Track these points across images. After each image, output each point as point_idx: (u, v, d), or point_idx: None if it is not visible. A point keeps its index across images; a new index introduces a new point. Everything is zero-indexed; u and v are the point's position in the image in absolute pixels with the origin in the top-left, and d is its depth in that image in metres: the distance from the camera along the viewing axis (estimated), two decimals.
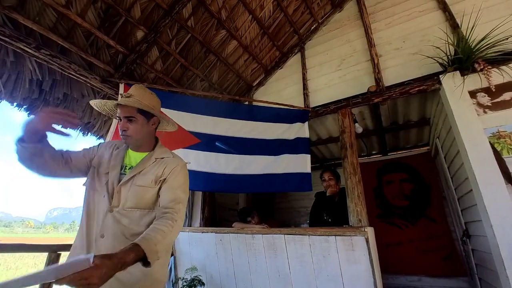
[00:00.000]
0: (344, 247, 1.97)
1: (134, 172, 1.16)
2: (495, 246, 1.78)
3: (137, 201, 1.13)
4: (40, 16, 2.10)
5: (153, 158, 1.22)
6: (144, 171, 1.18)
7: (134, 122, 1.19)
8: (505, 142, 1.93)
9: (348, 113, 2.65)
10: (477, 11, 2.28)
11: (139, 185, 1.14)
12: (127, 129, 1.18)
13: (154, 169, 1.19)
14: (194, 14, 2.71)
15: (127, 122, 1.18)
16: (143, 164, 1.20)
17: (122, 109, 1.19)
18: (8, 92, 2.32)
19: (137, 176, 1.16)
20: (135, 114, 1.18)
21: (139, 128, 1.20)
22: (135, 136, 1.20)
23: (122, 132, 1.19)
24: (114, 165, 1.19)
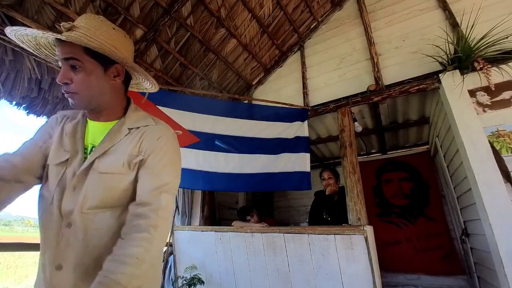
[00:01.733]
0: (343, 245, 1.98)
1: (97, 153, 0.76)
2: (493, 245, 1.79)
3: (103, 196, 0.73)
4: (38, 15, 2.09)
5: (124, 129, 0.81)
6: (112, 149, 0.77)
7: (80, 71, 0.75)
8: (504, 141, 1.93)
9: (347, 112, 2.65)
10: (477, 9, 2.28)
11: (103, 171, 0.74)
12: (69, 83, 0.75)
13: (125, 145, 0.78)
14: (194, 13, 2.70)
15: (69, 70, 0.74)
16: (110, 140, 0.78)
17: (62, 49, 0.74)
18: (7, 90, 2.31)
19: (101, 158, 0.76)
20: (81, 56, 0.74)
21: (89, 80, 0.75)
22: (84, 93, 0.76)
23: (64, 88, 0.76)
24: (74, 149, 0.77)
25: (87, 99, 0.78)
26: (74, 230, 0.70)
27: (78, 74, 0.75)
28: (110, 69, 0.80)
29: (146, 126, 0.84)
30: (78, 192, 0.73)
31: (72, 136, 0.80)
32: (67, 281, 0.67)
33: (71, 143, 0.78)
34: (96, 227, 0.71)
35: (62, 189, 0.73)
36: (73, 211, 0.71)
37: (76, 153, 0.77)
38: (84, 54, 0.74)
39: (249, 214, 3.03)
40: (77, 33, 0.73)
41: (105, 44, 0.76)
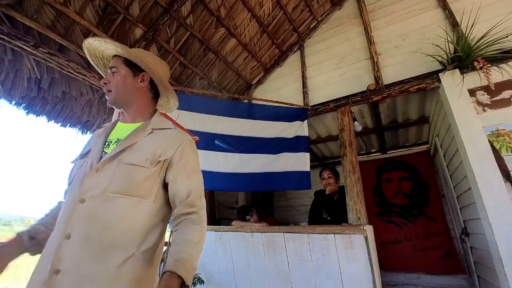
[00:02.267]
0: (343, 245, 1.98)
1: (123, 145, 0.87)
2: (493, 244, 1.79)
3: (126, 184, 0.81)
4: (38, 14, 2.09)
5: (148, 129, 0.94)
6: (137, 145, 0.89)
7: (116, 75, 0.98)
8: (504, 140, 1.93)
9: (347, 112, 2.65)
10: (476, 9, 2.28)
11: (129, 163, 0.84)
12: (107, 83, 0.98)
13: (150, 144, 0.90)
14: (193, 12, 2.70)
15: (109, 75, 0.99)
16: (135, 136, 0.90)
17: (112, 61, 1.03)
18: (6, 90, 2.31)
19: (127, 151, 0.87)
20: (119, 65, 0.99)
21: (121, 81, 0.97)
22: (115, 90, 0.96)
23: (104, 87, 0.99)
24: (95, 144, 0.92)
25: (118, 95, 0.98)
26: (86, 207, 0.78)
27: (115, 77, 0.98)
28: (138, 76, 1.02)
29: (168, 128, 0.99)
30: (102, 176, 0.82)
31: (99, 135, 0.98)
32: (72, 249, 0.73)
33: (97, 140, 0.94)
34: (112, 210, 0.79)
35: (83, 173, 0.84)
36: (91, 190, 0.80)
37: (96, 146, 0.91)
38: (121, 63, 1.00)
39: (248, 214, 3.03)
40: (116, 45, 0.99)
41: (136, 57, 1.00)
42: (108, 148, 0.90)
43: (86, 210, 0.78)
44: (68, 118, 2.78)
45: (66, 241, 0.74)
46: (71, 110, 2.72)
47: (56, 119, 2.73)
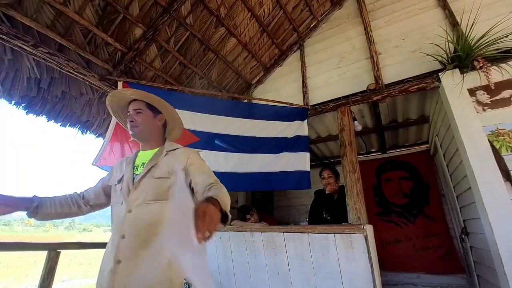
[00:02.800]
0: (343, 244, 1.98)
1: (150, 165, 1.19)
2: (493, 244, 1.79)
3: (157, 192, 1.13)
4: (37, 14, 2.09)
5: (164, 151, 1.26)
6: (159, 163, 1.20)
7: (141, 114, 1.28)
8: (504, 140, 1.93)
9: (347, 111, 2.65)
10: (476, 8, 2.28)
11: (157, 177, 1.16)
12: (135, 120, 1.27)
13: (167, 161, 1.21)
14: (193, 12, 2.69)
15: (135, 115, 1.27)
16: (156, 158, 1.22)
17: (133, 104, 1.31)
18: (6, 90, 2.31)
19: (153, 169, 1.18)
20: (143, 107, 1.30)
21: (146, 119, 1.28)
22: (141, 126, 1.27)
23: (130, 124, 1.26)
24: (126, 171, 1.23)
25: (143, 130, 1.28)
26: (133, 214, 1.10)
27: (140, 116, 1.28)
28: (157, 116, 1.34)
29: (178, 148, 1.30)
30: (140, 190, 1.14)
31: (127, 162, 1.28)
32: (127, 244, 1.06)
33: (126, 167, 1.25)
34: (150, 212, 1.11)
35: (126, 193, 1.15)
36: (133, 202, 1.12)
37: (127, 172, 1.22)
38: (144, 106, 1.30)
39: (249, 213, 3.03)
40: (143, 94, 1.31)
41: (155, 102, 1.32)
42: (137, 170, 1.23)
43: (133, 216, 1.10)
44: (68, 117, 2.78)
45: (122, 240, 1.06)
46: (71, 109, 2.71)
47: (56, 118, 2.72)
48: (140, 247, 1.04)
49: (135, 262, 1.03)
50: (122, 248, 1.04)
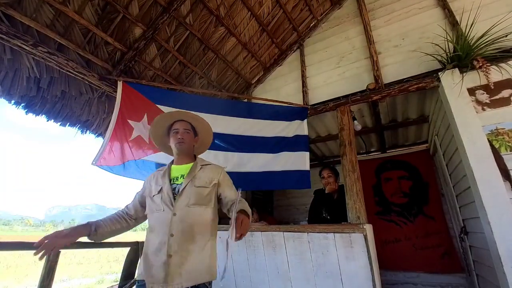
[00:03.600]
0: (342, 244, 1.98)
1: (190, 177, 1.44)
2: (492, 243, 1.79)
3: (198, 198, 1.38)
4: (37, 13, 2.09)
5: (198, 166, 1.52)
6: (197, 175, 1.46)
7: (188, 134, 1.56)
8: (503, 139, 1.94)
9: (347, 111, 2.65)
10: (476, 8, 2.28)
11: (198, 186, 1.41)
12: (184, 138, 1.53)
13: (204, 173, 1.48)
14: (193, 11, 2.69)
15: (184, 133, 1.55)
16: (193, 171, 1.48)
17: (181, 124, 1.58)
18: (5, 89, 2.30)
19: (194, 179, 1.43)
20: (189, 128, 1.59)
21: (190, 139, 1.57)
22: (187, 143, 1.54)
23: (179, 140, 1.52)
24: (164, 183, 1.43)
25: (187, 146, 1.55)
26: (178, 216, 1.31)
27: (187, 134, 1.55)
28: (196, 136, 1.64)
29: (209, 164, 1.58)
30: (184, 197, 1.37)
31: (162, 176, 1.49)
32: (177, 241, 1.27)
33: (162, 180, 1.46)
34: (192, 214, 1.34)
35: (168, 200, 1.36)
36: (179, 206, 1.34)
37: (165, 184, 1.43)
38: (190, 127, 1.60)
39: None
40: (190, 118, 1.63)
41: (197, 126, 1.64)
42: (178, 180, 1.45)
43: (178, 218, 1.31)
44: (68, 117, 2.77)
45: (171, 238, 1.27)
46: (71, 109, 2.71)
47: (56, 118, 2.72)
48: (187, 243, 1.27)
49: (184, 255, 1.25)
50: (172, 244, 1.25)
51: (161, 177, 1.48)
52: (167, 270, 1.21)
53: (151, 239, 1.34)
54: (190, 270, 1.24)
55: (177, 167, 1.53)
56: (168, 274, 1.20)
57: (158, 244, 1.28)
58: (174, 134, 1.54)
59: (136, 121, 2.41)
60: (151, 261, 1.27)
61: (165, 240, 1.26)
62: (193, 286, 1.24)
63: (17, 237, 47.60)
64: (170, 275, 1.20)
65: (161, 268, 1.22)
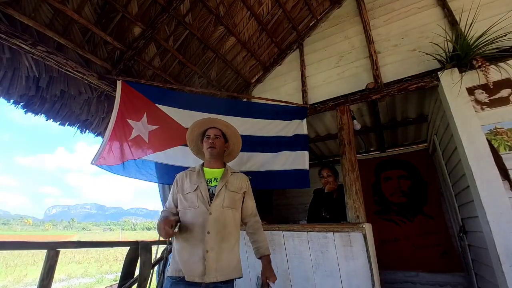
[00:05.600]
0: (342, 243, 1.99)
1: (224, 181, 1.57)
2: (491, 242, 1.80)
3: (231, 202, 1.53)
4: (36, 12, 2.08)
5: (229, 172, 1.65)
6: (229, 180, 1.60)
7: (219, 140, 1.68)
8: (502, 138, 1.94)
9: (346, 110, 2.65)
10: (476, 7, 2.28)
11: (231, 190, 1.56)
12: (215, 143, 1.65)
13: (234, 180, 1.63)
14: (192, 10, 2.69)
15: (215, 139, 1.66)
16: (226, 177, 1.60)
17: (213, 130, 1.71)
18: (4, 89, 2.30)
19: (227, 184, 1.57)
20: (220, 134, 1.71)
21: (221, 144, 1.68)
22: (218, 148, 1.65)
23: (211, 145, 1.63)
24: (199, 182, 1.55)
25: (218, 151, 1.65)
26: (213, 216, 1.44)
27: (218, 140, 1.68)
28: (226, 142, 1.75)
29: (236, 172, 1.71)
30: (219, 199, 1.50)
31: (197, 176, 1.60)
32: (213, 239, 1.39)
33: (197, 179, 1.57)
34: (226, 215, 1.48)
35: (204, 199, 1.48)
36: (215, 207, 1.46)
37: (201, 183, 1.55)
38: (221, 134, 1.72)
39: None
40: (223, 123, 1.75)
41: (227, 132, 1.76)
42: (211, 183, 1.57)
43: (213, 217, 1.43)
44: (67, 116, 2.77)
45: (207, 235, 1.39)
46: (70, 108, 2.71)
47: (55, 117, 2.72)
48: (221, 241, 1.40)
49: (219, 252, 1.38)
50: (209, 241, 1.37)
51: (196, 176, 1.59)
52: (205, 264, 1.34)
53: (185, 236, 1.44)
54: (223, 266, 1.37)
55: (210, 170, 1.64)
56: (206, 268, 1.33)
57: (194, 240, 1.40)
58: (206, 139, 1.67)
59: (136, 120, 2.41)
60: (186, 257, 1.39)
61: (202, 237, 1.38)
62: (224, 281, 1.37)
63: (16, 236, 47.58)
64: (207, 269, 1.33)
65: (200, 262, 1.34)
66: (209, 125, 1.73)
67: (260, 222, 1.68)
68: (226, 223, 1.46)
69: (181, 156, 2.35)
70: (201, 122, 1.74)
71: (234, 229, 1.50)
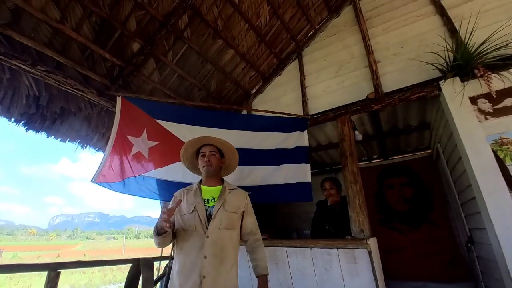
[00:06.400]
0: (346, 259, 1.94)
1: (221, 200, 1.53)
2: (500, 256, 1.75)
3: (229, 223, 1.48)
4: (35, 32, 2.09)
5: (227, 190, 1.60)
6: (227, 200, 1.55)
7: (214, 156, 1.64)
8: (508, 149, 1.90)
9: (347, 121, 2.63)
10: (475, 15, 2.25)
11: (229, 211, 1.51)
12: (210, 160, 1.61)
13: (232, 199, 1.58)
14: (190, 25, 2.70)
15: (211, 156, 1.63)
16: (223, 195, 1.56)
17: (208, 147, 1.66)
18: (5, 108, 2.31)
19: (225, 203, 1.52)
20: (216, 150, 1.66)
21: (217, 161, 1.64)
22: (214, 166, 1.61)
23: (207, 163, 1.60)
24: (197, 203, 1.51)
25: (214, 169, 1.62)
26: (211, 239, 1.41)
27: (214, 157, 1.64)
28: (222, 158, 1.71)
29: (235, 189, 1.67)
30: (216, 220, 1.46)
31: (194, 195, 1.56)
32: (210, 263, 1.36)
33: (194, 199, 1.54)
34: (223, 237, 1.44)
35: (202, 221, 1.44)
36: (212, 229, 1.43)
37: (198, 203, 1.51)
38: (216, 150, 1.68)
39: None
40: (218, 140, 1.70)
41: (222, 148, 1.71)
42: (209, 203, 1.54)
43: (211, 240, 1.40)
44: (68, 133, 2.78)
45: (204, 259, 1.35)
46: (70, 125, 2.71)
47: (56, 134, 2.72)
48: (219, 265, 1.37)
49: (216, 276, 1.35)
50: (206, 266, 1.34)
51: (193, 196, 1.56)
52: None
53: (182, 259, 1.42)
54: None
55: (207, 188, 1.61)
56: None
57: (190, 265, 1.38)
58: (202, 157, 1.64)
59: (136, 136, 2.39)
60: (182, 281, 1.36)
61: (199, 262, 1.36)
62: None
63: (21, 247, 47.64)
64: None
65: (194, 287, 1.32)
66: (203, 142, 1.70)
67: (260, 240, 1.63)
68: (224, 245, 1.42)
69: (182, 172, 2.33)
70: (194, 140, 1.70)
71: (232, 250, 1.46)
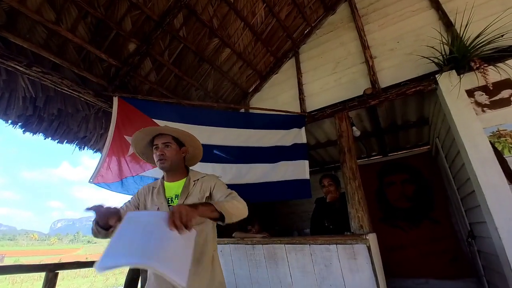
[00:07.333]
0: (345, 255, 1.93)
1: (184, 196, 1.36)
2: (501, 249, 1.74)
3: None
4: (30, 34, 2.09)
5: (192, 182, 1.42)
6: (191, 193, 1.38)
7: (169, 148, 1.41)
8: (506, 141, 1.89)
9: (345, 117, 2.62)
10: (470, 8, 2.25)
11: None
12: (164, 153, 1.39)
13: (197, 189, 1.40)
14: (186, 24, 2.70)
15: (164, 148, 1.40)
16: (187, 188, 1.39)
17: (160, 138, 1.42)
18: (2, 110, 2.31)
19: (188, 198, 1.36)
20: (170, 141, 1.42)
21: (174, 153, 1.42)
22: (170, 159, 1.40)
23: (159, 157, 1.39)
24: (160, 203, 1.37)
25: (171, 163, 1.40)
26: None
27: (168, 149, 1.41)
28: (182, 148, 1.48)
29: (202, 177, 1.47)
30: None
31: (157, 194, 1.41)
32: None
33: (157, 199, 1.39)
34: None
35: None
36: None
37: (161, 204, 1.36)
38: (171, 140, 1.43)
39: (250, 223, 2.97)
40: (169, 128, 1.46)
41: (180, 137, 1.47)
42: (173, 202, 1.38)
43: None
44: (65, 134, 2.78)
45: None
46: (68, 126, 2.71)
47: (53, 136, 2.72)
48: (195, 265, 1.20)
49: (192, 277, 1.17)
50: None
51: (156, 195, 1.40)
52: None
53: None
54: None
55: (170, 184, 1.44)
56: None
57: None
58: (155, 150, 1.41)
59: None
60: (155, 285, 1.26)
61: None
62: None
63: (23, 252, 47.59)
64: None
65: None
66: (154, 133, 1.46)
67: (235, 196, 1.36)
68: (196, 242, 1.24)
69: None
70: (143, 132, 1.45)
71: (207, 246, 1.32)
